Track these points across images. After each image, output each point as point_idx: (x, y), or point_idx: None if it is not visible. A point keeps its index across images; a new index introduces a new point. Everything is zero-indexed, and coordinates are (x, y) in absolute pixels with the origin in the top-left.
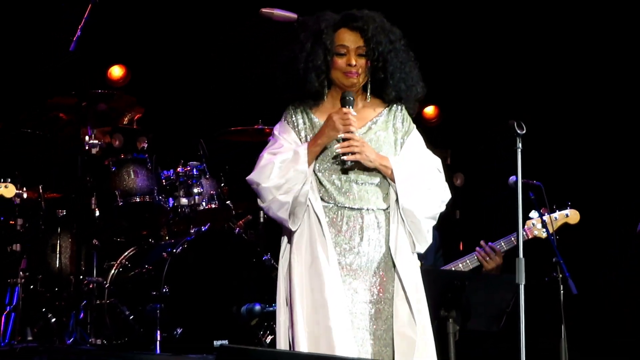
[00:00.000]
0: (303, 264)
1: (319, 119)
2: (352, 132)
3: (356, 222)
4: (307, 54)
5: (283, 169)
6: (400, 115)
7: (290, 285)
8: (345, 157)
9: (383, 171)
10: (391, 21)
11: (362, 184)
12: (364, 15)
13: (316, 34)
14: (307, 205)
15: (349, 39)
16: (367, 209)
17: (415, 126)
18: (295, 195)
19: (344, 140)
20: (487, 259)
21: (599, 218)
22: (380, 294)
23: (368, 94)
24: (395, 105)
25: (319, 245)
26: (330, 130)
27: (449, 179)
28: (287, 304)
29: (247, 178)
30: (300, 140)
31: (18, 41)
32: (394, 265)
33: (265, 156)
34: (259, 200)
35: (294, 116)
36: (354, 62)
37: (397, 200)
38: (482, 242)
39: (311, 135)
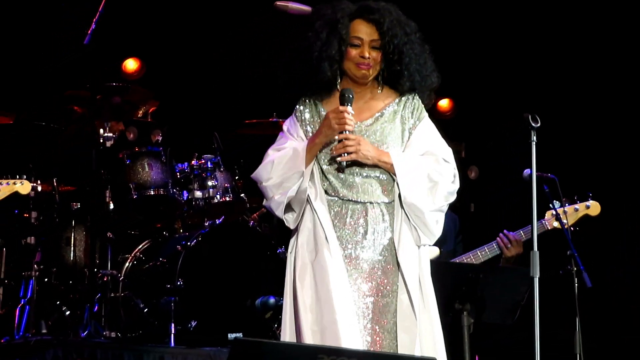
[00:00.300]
0: (307, 258)
1: (327, 111)
2: (347, 132)
3: (361, 215)
4: (321, 43)
5: (281, 167)
6: (410, 105)
7: (294, 279)
8: (339, 159)
9: (383, 166)
10: (406, 15)
11: (366, 177)
12: (380, 7)
13: (332, 23)
14: (308, 201)
15: (364, 31)
16: (372, 203)
17: (427, 115)
18: (291, 195)
19: (339, 141)
20: (509, 246)
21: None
22: (387, 287)
23: (380, 85)
24: (407, 95)
25: (322, 239)
26: (327, 129)
27: (463, 172)
28: (291, 299)
29: (251, 176)
30: (306, 135)
31: (32, 35)
32: (397, 259)
33: (269, 153)
34: (264, 198)
35: (302, 110)
36: (367, 55)
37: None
38: (504, 231)
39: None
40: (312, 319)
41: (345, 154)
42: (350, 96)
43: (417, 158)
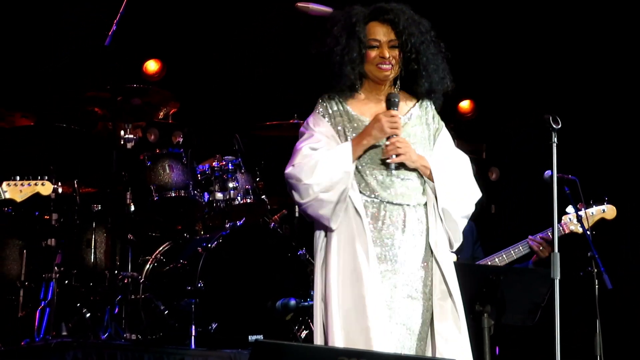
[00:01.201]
0: (341, 260)
1: (354, 110)
2: (398, 135)
3: (398, 217)
4: (342, 47)
5: (328, 168)
6: (431, 110)
7: (326, 281)
8: (390, 160)
9: (422, 171)
10: (427, 16)
11: (403, 179)
12: (394, 8)
13: (349, 27)
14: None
15: (381, 32)
16: (409, 205)
17: (443, 123)
18: (341, 195)
19: (388, 141)
20: (541, 247)
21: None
22: (419, 289)
23: (398, 88)
24: (425, 100)
25: (358, 241)
26: (378, 132)
27: (484, 173)
28: (322, 300)
29: (285, 172)
30: (337, 132)
31: (53, 36)
32: (435, 261)
33: (305, 151)
34: (295, 195)
35: (328, 107)
36: (387, 55)
37: (435, 197)
38: (534, 235)
39: (348, 126)
40: (343, 324)
41: (394, 156)
42: (397, 100)
43: (449, 165)
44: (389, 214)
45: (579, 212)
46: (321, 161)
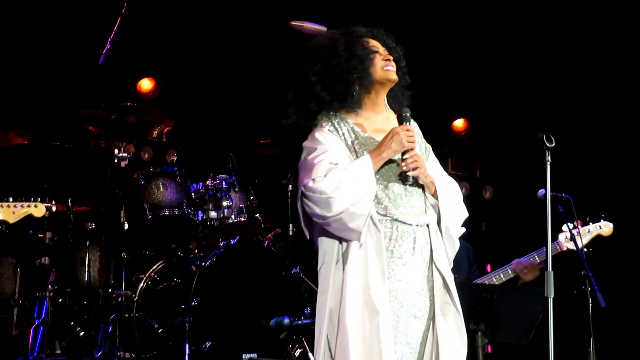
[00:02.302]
0: (359, 284)
1: (357, 127)
2: (414, 148)
3: (409, 236)
4: (344, 64)
5: (355, 181)
6: (417, 128)
7: (342, 304)
8: (410, 173)
9: (428, 187)
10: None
11: (410, 197)
12: (380, 30)
13: (347, 44)
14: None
15: (377, 44)
16: (417, 225)
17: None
18: (370, 208)
19: (403, 155)
20: (525, 272)
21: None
22: (423, 309)
23: (387, 106)
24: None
25: (376, 259)
26: (397, 145)
27: (478, 191)
28: (329, 318)
29: (309, 185)
30: (348, 147)
31: (48, 54)
32: (441, 278)
33: (325, 164)
34: (317, 209)
35: (334, 123)
36: (390, 57)
37: (438, 214)
38: (517, 260)
39: (356, 142)
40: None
41: (412, 170)
42: (409, 115)
43: (446, 182)
44: (400, 234)
45: (575, 230)
46: (346, 174)
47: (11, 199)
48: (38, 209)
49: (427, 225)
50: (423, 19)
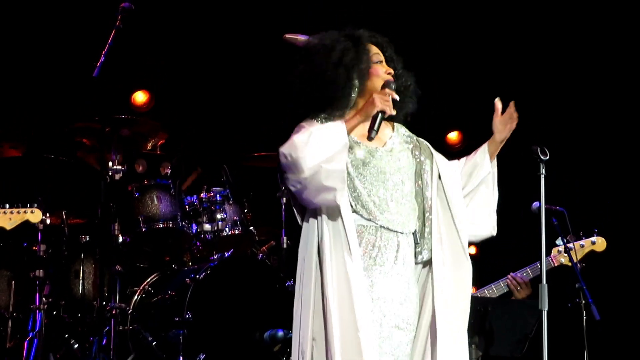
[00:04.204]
0: (336, 288)
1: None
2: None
3: (393, 245)
4: (342, 69)
5: (326, 139)
6: (414, 140)
7: (323, 287)
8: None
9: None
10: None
11: (398, 204)
12: (375, 33)
13: (345, 50)
14: (341, 218)
15: (377, 51)
16: (402, 233)
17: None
18: (345, 164)
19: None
20: (519, 288)
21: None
22: (406, 320)
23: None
24: (397, 125)
25: (350, 267)
26: (370, 106)
27: None
28: (312, 318)
29: (280, 149)
30: None
31: (42, 67)
32: (425, 289)
33: (302, 131)
34: (292, 175)
35: (322, 122)
36: (391, 71)
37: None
38: (512, 274)
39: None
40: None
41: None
42: (392, 84)
43: None
44: (384, 242)
45: (568, 245)
46: (316, 132)
47: (7, 205)
48: (34, 215)
49: (414, 234)
50: (417, 32)
